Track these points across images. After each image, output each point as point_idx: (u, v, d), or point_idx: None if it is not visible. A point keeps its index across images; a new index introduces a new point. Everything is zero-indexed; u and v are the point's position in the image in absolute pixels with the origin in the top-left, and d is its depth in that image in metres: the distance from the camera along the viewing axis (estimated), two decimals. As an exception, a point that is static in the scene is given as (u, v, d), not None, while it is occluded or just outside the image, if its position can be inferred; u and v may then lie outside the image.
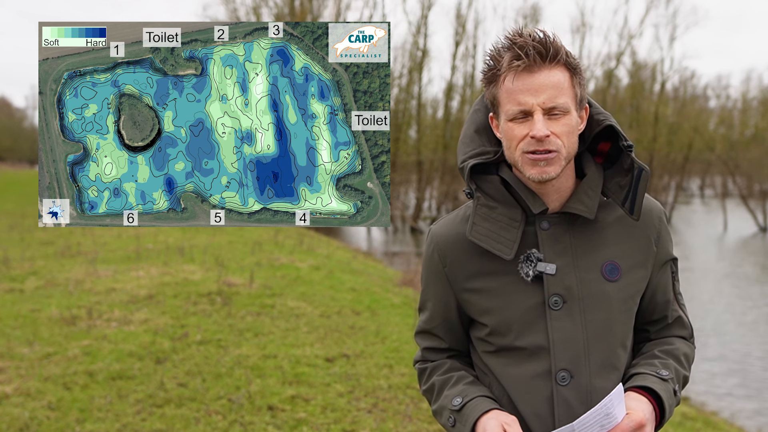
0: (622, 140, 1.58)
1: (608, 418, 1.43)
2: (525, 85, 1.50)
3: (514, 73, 1.50)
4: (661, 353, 1.63)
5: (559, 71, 1.51)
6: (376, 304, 8.53)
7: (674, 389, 1.57)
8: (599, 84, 41.30)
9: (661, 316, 1.68)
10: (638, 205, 1.56)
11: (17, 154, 65.16)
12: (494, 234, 1.57)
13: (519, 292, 1.58)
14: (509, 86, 1.52)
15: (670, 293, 1.69)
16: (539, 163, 1.51)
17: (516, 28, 1.55)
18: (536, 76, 1.50)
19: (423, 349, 1.77)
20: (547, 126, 1.50)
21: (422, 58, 34.20)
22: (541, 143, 1.50)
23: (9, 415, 4.57)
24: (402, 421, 4.72)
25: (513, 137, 1.53)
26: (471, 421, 1.55)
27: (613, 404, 1.44)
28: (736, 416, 7.56)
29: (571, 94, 1.52)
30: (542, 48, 1.49)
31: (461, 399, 1.59)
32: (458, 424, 1.58)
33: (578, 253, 1.59)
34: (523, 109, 1.51)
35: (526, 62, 1.49)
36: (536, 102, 1.49)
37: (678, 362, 1.62)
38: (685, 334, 1.70)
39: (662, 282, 1.67)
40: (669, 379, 1.56)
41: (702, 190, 60.69)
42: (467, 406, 1.58)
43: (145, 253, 11.72)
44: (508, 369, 1.61)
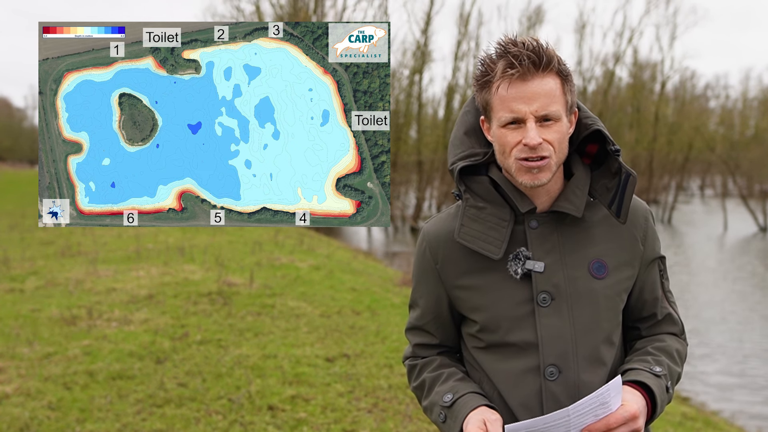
0: (610, 144, 1.62)
1: (604, 407, 1.46)
2: (518, 93, 1.53)
3: (508, 81, 1.54)
4: (654, 350, 1.65)
5: (551, 79, 1.54)
6: (377, 304, 8.53)
7: (667, 386, 1.59)
8: (599, 84, 41.31)
9: (651, 313, 1.72)
10: (625, 209, 1.61)
11: (17, 154, 65.17)
12: (483, 234, 1.61)
13: (508, 290, 1.62)
14: (503, 94, 1.55)
15: (658, 291, 1.72)
16: (532, 170, 1.56)
17: (509, 36, 1.58)
18: (529, 85, 1.53)
19: (414, 345, 1.79)
20: (539, 133, 1.54)
21: (423, 58, 34.20)
22: (534, 150, 1.54)
23: (9, 415, 4.58)
24: (402, 421, 4.72)
25: (506, 143, 1.57)
26: (461, 417, 1.57)
27: (611, 394, 1.46)
28: (736, 416, 7.56)
29: (563, 101, 1.56)
30: (535, 57, 1.52)
31: (452, 395, 1.62)
32: (449, 420, 1.61)
33: (566, 251, 1.62)
34: (516, 116, 1.54)
35: (519, 71, 1.52)
36: (529, 110, 1.53)
37: (671, 359, 1.65)
38: (675, 330, 1.73)
39: (650, 280, 1.70)
40: (662, 376, 1.59)
41: (702, 190, 60.69)
42: (458, 403, 1.60)
43: (145, 253, 11.72)
44: (498, 364, 1.64)
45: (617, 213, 1.61)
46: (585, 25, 41.45)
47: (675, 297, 1.78)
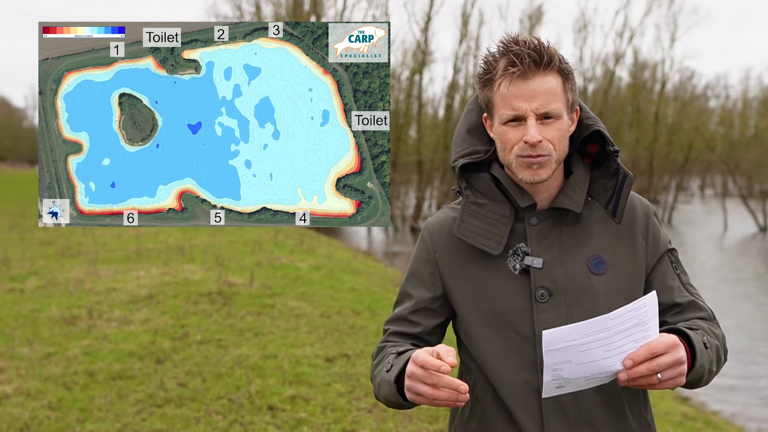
0: (609, 145, 1.63)
1: (642, 327, 1.35)
2: (519, 90, 1.55)
3: (509, 79, 1.55)
4: (686, 326, 1.58)
5: (552, 77, 1.56)
6: (377, 304, 8.53)
7: (704, 342, 1.52)
8: (599, 84, 41.30)
9: (671, 302, 1.66)
10: (620, 209, 1.62)
11: (17, 154, 65.19)
12: (482, 230, 1.63)
13: (506, 285, 1.62)
14: (504, 91, 1.56)
15: (673, 281, 1.68)
16: (532, 166, 1.57)
17: (511, 34, 1.59)
18: (530, 83, 1.54)
19: (390, 333, 1.72)
20: (539, 131, 1.55)
21: (423, 58, 34.20)
22: (534, 148, 1.55)
23: (9, 415, 4.58)
24: (402, 421, 4.72)
25: (507, 141, 1.59)
26: (408, 357, 1.51)
27: (647, 312, 1.35)
28: (736, 416, 7.56)
29: (563, 99, 1.58)
30: (537, 56, 1.54)
31: (405, 348, 1.60)
32: (395, 367, 1.55)
33: (565, 247, 1.63)
34: (517, 114, 1.56)
35: (521, 69, 1.53)
36: (530, 108, 1.54)
37: (707, 332, 1.58)
38: (704, 315, 1.67)
39: (660, 272, 1.67)
40: (698, 330, 1.53)
41: (702, 190, 60.71)
42: (409, 351, 1.56)
43: (145, 253, 11.72)
44: (494, 362, 1.63)
45: (613, 213, 1.63)
46: (586, 25, 41.45)
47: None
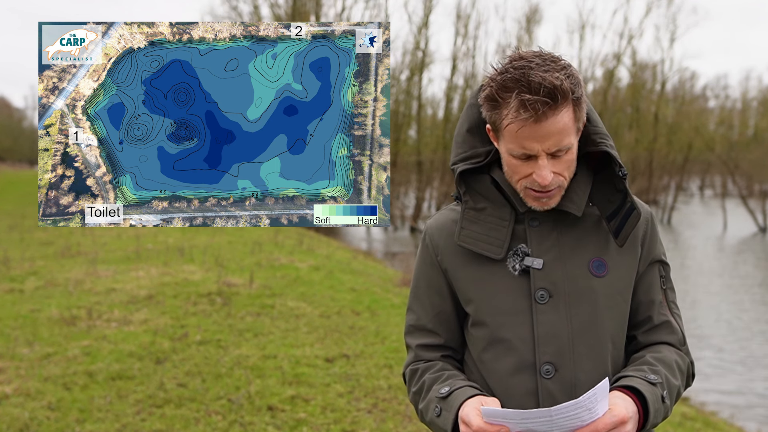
0: (617, 167, 1.59)
1: (590, 412, 1.40)
2: (531, 133, 1.48)
3: (521, 124, 1.47)
4: (653, 359, 1.59)
5: (565, 112, 1.48)
6: (376, 304, 8.53)
7: (662, 395, 1.53)
8: (599, 84, 41.31)
9: (645, 316, 1.65)
10: (623, 236, 1.60)
11: (17, 154, 65.21)
12: (483, 236, 1.61)
13: (506, 285, 1.61)
14: (513, 130, 1.49)
15: (655, 294, 1.66)
16: (541, 199, 1.56)
17: (525, 59, 1.48)
18: (543, 125, 1.46)
19: (416, 347, 1.71)
20: (550, 166, 1.51)
21: (423, 58, 34.21)
22: (545, 187, 1.53)
23: (9, 415, 4.58)
24: (402, 421, 4.72)
25: (515, 172, 1.56)
26: (456, 406, 1.52)
27: (597, 399, 1.40)
28: (736, 416, 7.56)
29: (574, 129, 1.52)
30: (550, 100, 1.45)
31: (449, 387, 1.58)
32: (444, 413, 1.55)
33: (566, 249, 1.61)
34: (528, 153, 1.51)
35: (534, 117, 1.45)
36: (542, 148, 1.49)
37: (669, 371, 1.58)
38: (673, 340, 1.65)
39: (646, 281, 1.66)
40: (657, 384, 1.52)
41: (702, 190, 60.69)
42: (454, 394, 1.56)
43: (145, 253, 11.72)
44: (493, 361, 1.61)
45: (615, 234, 1.60)
46: (584, 25, 41.46)
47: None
